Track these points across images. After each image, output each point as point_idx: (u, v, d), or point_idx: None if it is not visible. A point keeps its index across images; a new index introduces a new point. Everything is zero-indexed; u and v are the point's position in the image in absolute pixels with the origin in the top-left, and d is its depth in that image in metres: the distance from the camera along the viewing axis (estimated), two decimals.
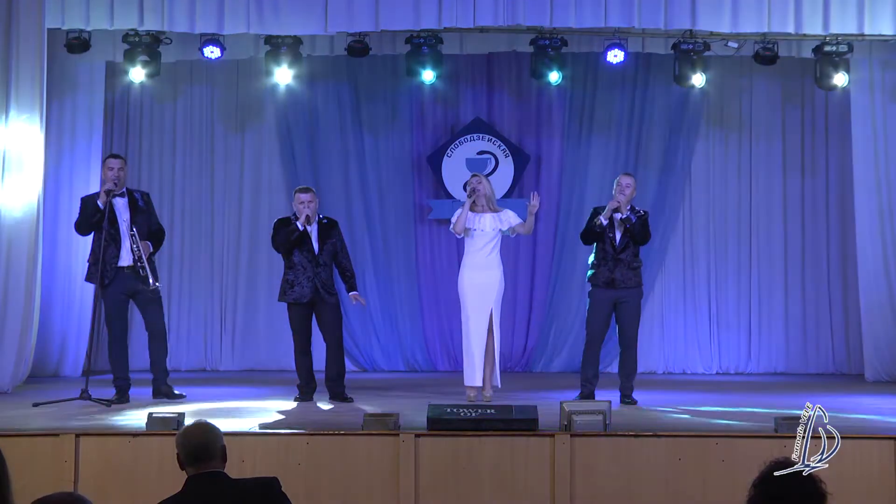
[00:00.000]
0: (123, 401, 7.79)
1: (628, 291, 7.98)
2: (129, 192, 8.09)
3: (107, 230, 7.84)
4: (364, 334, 11.09)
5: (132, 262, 7.88)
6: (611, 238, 8.03)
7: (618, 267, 7.98)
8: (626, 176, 8.23)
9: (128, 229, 7.88)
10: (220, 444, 3.64)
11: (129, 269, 7.89)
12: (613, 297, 7.98)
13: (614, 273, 7.97)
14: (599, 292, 8.02)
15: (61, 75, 10.01)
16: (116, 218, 7.92)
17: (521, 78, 10.80)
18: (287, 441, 6.01)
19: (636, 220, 7.99)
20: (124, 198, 8.00)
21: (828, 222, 11.02)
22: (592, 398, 7.80)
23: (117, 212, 7.93)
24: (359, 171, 11.15)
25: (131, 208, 8.00)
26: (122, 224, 7.92)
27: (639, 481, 5.91)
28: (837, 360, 10.92)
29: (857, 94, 10.27)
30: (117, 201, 7.95)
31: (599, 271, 8.01)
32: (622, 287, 7.96)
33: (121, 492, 5.72)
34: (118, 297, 7.95)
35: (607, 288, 7.98)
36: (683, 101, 10.94)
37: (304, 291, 8.02)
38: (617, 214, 7.98)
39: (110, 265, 7.88)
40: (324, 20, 8.99)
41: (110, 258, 7.89)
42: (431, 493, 5.89)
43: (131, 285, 7.95)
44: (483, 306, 7.89)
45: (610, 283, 7.97)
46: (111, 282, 7.90)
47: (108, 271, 7.87)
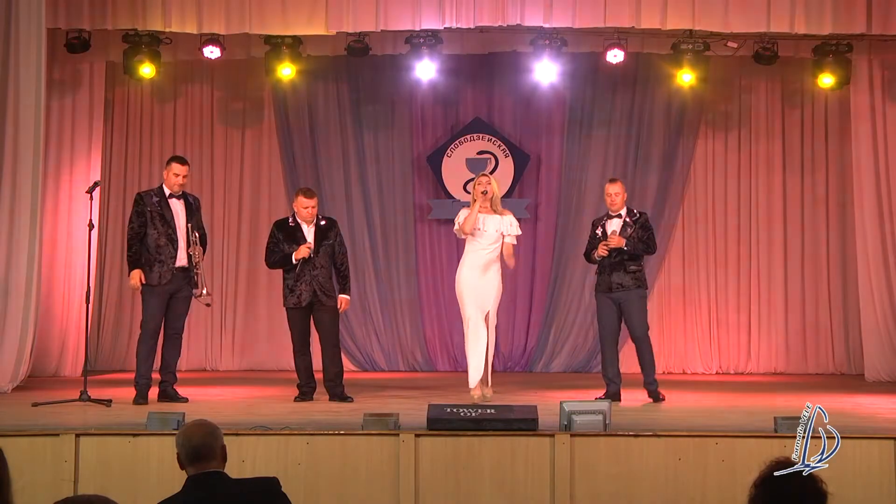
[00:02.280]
0: (144, 401, 7.69)
1: (627, 293, 8.06)
2: (184, 195, 8.08)
3: (162, 229, 7.85)
4: (364, 334, 11.09)
5: (189, 264, 7.87)
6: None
7: (615, 272, 8.08)
8: (612, 184, 8.31)
9: (186, 232, 7.86)
10: (220, 444, 3.63)
11: (181, 272, 7.87)
12: (616, 300, 8.10)
13: (612, 278, 8.10)
14: (602, 297, 8.18)
15: (61, 75, 10.01)
16: (173, 218, 7.91)
17: (521, 78, 10.80)
18: (287, 441, 6.01)
19: (635, 238, 8.09)
20: (180, 199, 8.00)
21: (828, 222, 11.03)
22: (618, 397, 7.93)
23: (173, 212, 7.94)
24: (359, 171, 11.15)
25: (188, 211, 7.99)
26: (180, 226, 7.91)
27: (639, 481, 5.90)
28: (837, 360, 10.93)
29: (857, 94, 10.28)
30: (173, 202, 7.96)
31: (601, 278, 8.19)
32: (620, 290, 8.08)
33: (121, 492, 5.70)
34: (163, 297, 7.90)
35: (609, 293, 8.10)
36: (683, 101, 10.95)
37: (303, 295, 8.02)
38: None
39: (168, 265, 7.85)
40: (324, 20, 9.00)
41: (168, 258, 7.86)
42: (431, 493, 5.89)
43: (177, 286, 7.91)
44: (480, 308, 7.86)
45: (609, 289, 8.11)
46: (169, 281, 7.85)
47: (166, 270, 7.84)
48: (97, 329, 10.70)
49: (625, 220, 8.18)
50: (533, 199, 11.16)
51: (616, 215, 8.21)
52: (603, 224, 8.25)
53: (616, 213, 8.21)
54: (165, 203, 7.95)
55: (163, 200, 7.96)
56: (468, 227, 7.87)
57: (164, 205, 7.94)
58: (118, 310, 10.92)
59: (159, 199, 7.97)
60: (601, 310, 8.22)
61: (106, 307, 10.89)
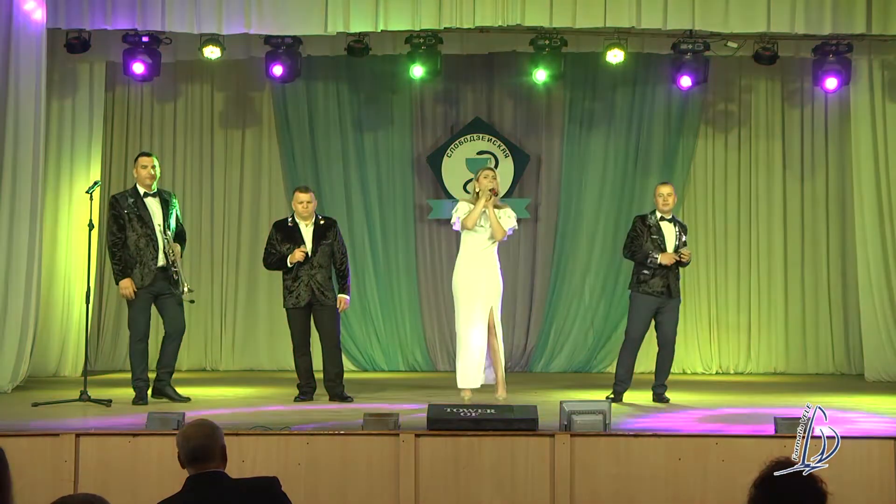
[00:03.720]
0: (143, 402, 7.67)
1: (673, 300, 8.09)
2: (158, 191, 7.91)
3: (141, 230, 7.73)
4: (364, 334, 11.09)
5: (167, 264, 7.77)
6: (661, 247, 8.07)
7: (671, 276, 8.07)
8: (665, 185, 8.27)
9: (161, 231, 7.74)
10: (219, 444, 3.63)
11: (163, 271, 7.77)
12: (660, 304, 8.05)
13: (668, 281, 8.05)
14: (647, 298, 8.05)
15: (61, 75, 10.01)
16: (151, 218, 7.77)
17: (521, 78, 10.80)
18: (287, 441, 6.01)
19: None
20: (155, 197, 7.85)
21: (828, 222, 11.02)
22: (621, 398, 7.96)
23: (150, 212, 7.79)
24: (359, 171, 11.15)
25: (164, 209, 7.83)
26: (156, 225, 7.76)
27: (638, 481, 5.90)
28: (837, 360, 10.92)
29: (857, 94, 10.27)
30: (149, 201, 7.80)
31: (654, 280, 8.04)
32: (669, 296, 8.05)
33: (121, 492, 5.71)
34: (148, 299, 7.79)
35: (659, 296, 8.03)
36: (683, 101, 10.94)
37: (302, 296, 8.02)
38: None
39: (149, 266, 7.74)
40: (324, 20, 9.00)
41: (148, 259, 7.74)
42: (431, 493, 5.89)
43: (161, 287, 7.80)
44: (480, 304, 7.84)
45: (664, 292, 8.04)
46: (151, 283, 7.75)
47: (148, 272, 7.74)
48: (97, 329, 10.70)
49: (678, 225, 8.17)
50: (533, 199, 11.16)
51: (669, 219, 8.14)
52: (658, 225, 8.09)
53: (668, 216, 8.14)
54: (142, 203, 7.77)
55: (138, 201, 7.77)
56: (471, 223, 7.86)
57: (140, 205, 7.76)
58: (118, 310, 10.90)
59: (135, 199, 7.78)
60: (641, 310, 8.08)
61: (106, 307, 10.89)
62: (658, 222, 8.12)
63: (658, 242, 8.05)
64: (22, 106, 8.79)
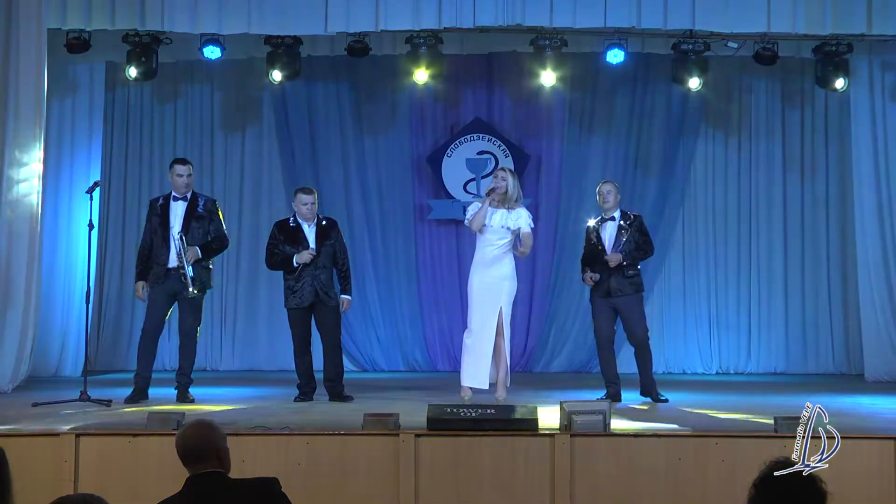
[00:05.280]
0: (137, 399, 7.73)
1: (626, 299, 8.06)
2: (192, 197, 8.09)
3: (160, 233, 7.97)
4: (364, 334, 11.09)
5: (177, 265, 7.90)
6: (601, 252, 8.11)
7: (613, 277, 8.06)
8: (605, 183, 8.29)
9: (175, 233, 7.92)
10: (216, 444, 3.62)
11: (175, 272, 7.91)
12: (614, 305, 8.10)
13: (610, 283, 8.07)
14: (600, 301, 8.14)
15: (61, 75, 10.01)
16: (168, 221, 7.99)
17: (521, 78, 10.80)
18: (287, 441, 6.00)
19: (632, 245, 8.09)
20: (185, 202, 8.04)
21: (828, 222, 11.03)
22: (619, 397, 7.94)
23: (172, 215, 8.00)
24: (359, 172, 11.15)
25: (188, 213, 8.02)
26: (172, 227, 7.97)
27: (639, 481, 5.90)
28: (837, 360, 10.93)
29: (857, 94, 10.28)
30: (175, 204, 8.03)
31: (598, 283, 8.12)
32: (619, 295, 8.06)
33: (121, 492, 5.70)
34: (162, 297, 7.98)
35: (607, 297, 8.08)
36: (683, 102, 10.94)
37: (305, 297, 8.02)
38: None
39: (162, 266, 7.94)
40: (324, 20, 9.00)
41: (161, 259, 7.95)
42: (431, 493, 5.89)
43: (175, 286, 7.95)
44: (490, 305, 7.79)
45: (608, 294, 8.08)
46: (163, 281, 7.94)
47: (160, 271, 7.94)
48: (97, 329, 10.70)
49: (619, 224, 8.14)
50: (533, 199, 11.13)
51: (609, 218, 8.17)
52: (598, 231, 8.19)
53: (609, 215, 8.18)
54: (167, 205, 8.04)
55: (166, 203, 8.06)
56: (476, 225, 7.84)
57: (165, 207, 8.03)
58: (118, 310, 10.92)
59: (164, 202, 8.08)
60: (598, 314, 8.17)
61: (106, 307, 10.89)
62: (598, 226, 8.18)
63: (597, 248, 8.10)
64: (22, 106, 8.79)
